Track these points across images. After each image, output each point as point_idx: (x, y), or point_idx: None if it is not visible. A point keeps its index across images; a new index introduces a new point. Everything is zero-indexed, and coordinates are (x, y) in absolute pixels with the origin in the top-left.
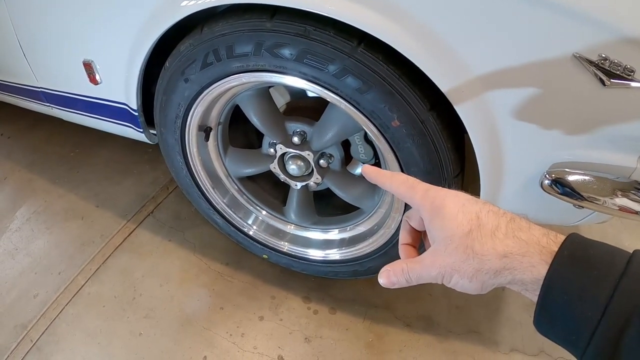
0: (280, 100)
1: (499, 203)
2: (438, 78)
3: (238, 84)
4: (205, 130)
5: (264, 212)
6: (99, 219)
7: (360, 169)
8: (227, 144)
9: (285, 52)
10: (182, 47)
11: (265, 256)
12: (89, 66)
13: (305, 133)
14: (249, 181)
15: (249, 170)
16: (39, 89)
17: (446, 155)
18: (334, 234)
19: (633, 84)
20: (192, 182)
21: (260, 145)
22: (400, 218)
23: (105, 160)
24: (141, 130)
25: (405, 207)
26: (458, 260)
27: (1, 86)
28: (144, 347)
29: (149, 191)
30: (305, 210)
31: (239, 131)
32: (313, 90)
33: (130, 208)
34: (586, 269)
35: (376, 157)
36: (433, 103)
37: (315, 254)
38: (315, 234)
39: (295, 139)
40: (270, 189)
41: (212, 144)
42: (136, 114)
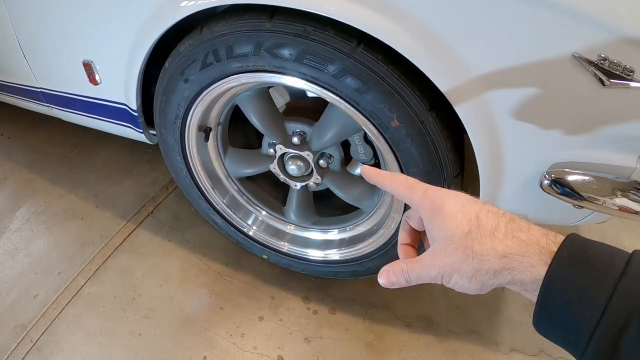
0: (280, 101)
1: (498, 203)
2: (437, 78)
3: (238, 84)
4: (205, 130)
5: (264, 213)
6: (99, 220)
7: (360, 170)
8: (227, 144)
9: (285, 53)
10: (182, 48)
11: (265, 256)
12: (88, 66)
13: (304, 133)
14: (249, 181)
15: (249, 171)
16: (39, 89)
17: (446, 155)
18: (334, 234)
19: (632, 84)
20: (192, 183)
21: (260, 146)
22: (399, 218)
23: (105, 161)
24: (141, 130)
25: (405, 207)
26: (457, 260)
27: (1, 86)
28: (143, 347)
29: (148, 191)
30: (305, 210)
31: (238, 131)
32: (312, 90)
33: (130, 208)
34: (585, 269)
35: (376, 158)
36: (432, 103)
37: (315, 254)
38: (315, 234)
39: (295, 139)
40: (270, 190)
41: (212, 144)
42: (136, 115)
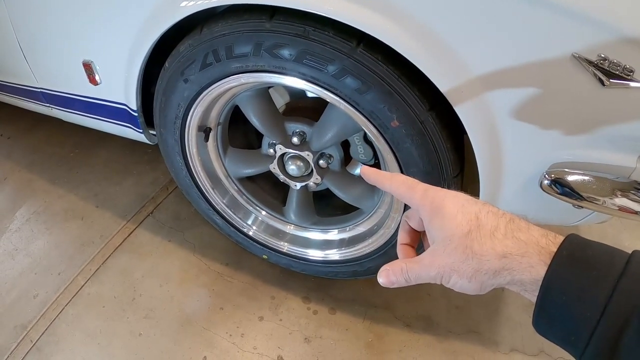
0: (280, 101)
1: (498, 203)
2: (437, 78)
3: (237, 84)
4: (204, 130)
5: (264, 213)
6: (99, 220)
7: (360, 170)
8: (227, 144)
9: (285, 53)
10: (182, 48)
11: (265, 256)
12: (88, 66)
13: (304, 133)
14: (249, 181)
15: (249, 171)
16: (39, 90)
17: (445, 155)
18: (334, 234)
19: (632, 84)
20: (192, 183)
21: (260, 146)
22: (399, 218)
23: (105, 161)
24: (141, 130)
25: (405, 207)
26: (457, 260)
27: (1, 86)
28: (143, 348)
29: (148, 191)
30: (304, 210)
31: (238, 131)
32: (312, 90)
33: (130, 208)
34: (585, 269)
35: (376, 158)
36: (432, 103)
37: (314, 254)
38: (315, 235)
39: (295, 140)
40: (270, 190)
41: (212, 144)
42: (136, 115)
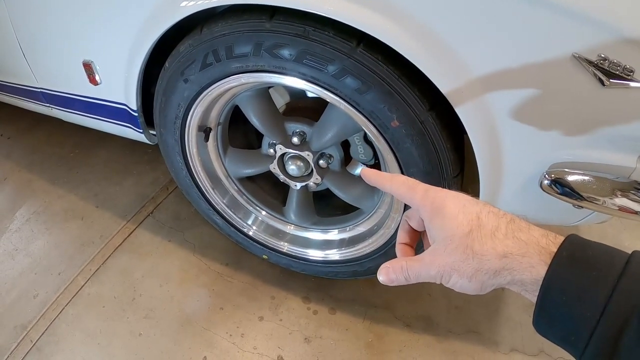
0: (280, 101)
1: (498, 203)
2: (437, 78)
3: (237, 84)
4: (204, 130)
5: (264, 213)
6: (99, 220)
7: (360, 170)
8: (227, 144)
9: (285, 53)
10: (182, 48)
11: (265, 256)
12: (88, 66)
13: (304, 133)
14: (249, 181)
15: (249, 171)
16: (39, 90)
17: (445, 155)
18: (334, 235)
19: (632, 84)
20: (192, 183)
21: (260, 146)
22: (399, 218)
23: (105, 161)
24: (141, 130)
25: (405, 207)
26: (457, 260)
27: (1, 86)
28: (143, 348)
29: (148, 191)
30: (304, 210)
31: (238, 131)
32: (312, 90)
33: (130, 208)
34: (585, 269)
35: (376, 158)
36: (432, 103)
37: (315, 254)
38: (315, 235)
39: (295, 140)
40: (270, 190)
41: (212, 144)
42: (136, 115)
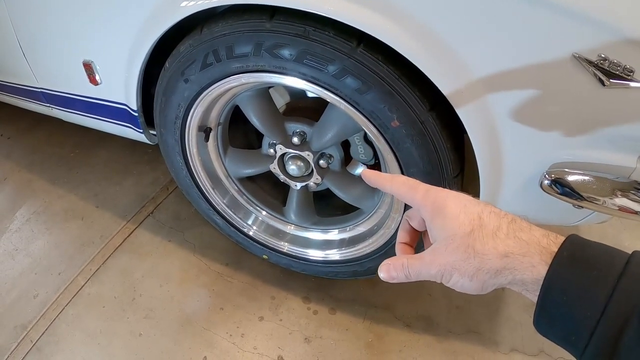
0: (280, 101)
1: (498, 203)
2: (438, 78)
3: (238, 84)
4: (205, 130)
5: (264, 213)
6: (99, 220)
7: (360, 170)
8: (227, 144)
9: (285, 53)
10: (182, 48)
11: (265, 256)
12: (88, 67)
13: (305, 133)
14: (249, 182)
15: (249, 171)
16: (39, 90)
17: (446, 155)
18: (334, 235)
19: (632, 84)
20: (192, 183)
21: (260, 146)
22: (399, 218)
23: (105, 161)
24: (141, 130)
25: (405, 207)
26: (459, 259)
27: (1, 86)
28: (144, 348)
29: (148, 192)
30: (305, 210)
31: (238, 131)
32: (313, 90)
33: (130, 208)
34: (585, 269)
35: (376, 158)
36: (432, 103)
37: (315, 254)
38: (315, 235)
39: (295, 140)
40: (270, 190)
41: (212, 144)
42: (136, 115)
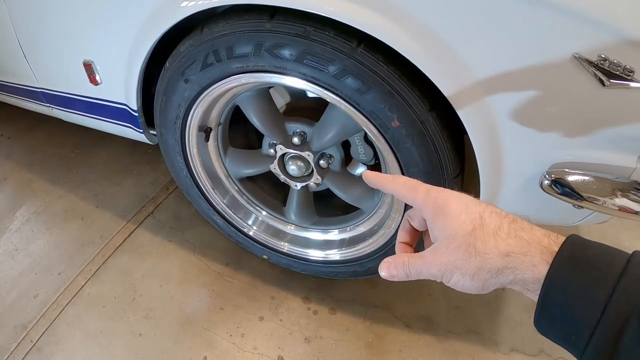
0: (280, 101)
1: (498, 203)
2: (438, 78)
3: (238, 84)
4: (205, 130)
5: (264, 213)
6: (99, 220)
7: (360, 170)
8: (227, 144)
9: (285, 53)
10: (182, 48)
11: (265, 257)
12: (89, 66)
13: (305, 133)
14: (249, 182)
15: (249, 171)
16: (39, 90)
17: (446, 155)
18: (334, 235)
19: (632, 84)
20: (192, 183)
21: (260, 146)
22: (400, 218)
23: (105, 161)
24: (141, 130)
25: (405, 207)
26: (460, 258)
27: (1, 86)
28: (144, 348)
29: (148, 192)
30: (305, 210)
31: (239, 132)
32: (313, 90)
33: (130, 208)
34: (585, 269)
35: (376, 158)
36: (433, 103)
37: (315, 254)
38: (315, 235)
39: (295, 140)
40: (270, 190)
41: (212, 144)
42: (136, 115)
